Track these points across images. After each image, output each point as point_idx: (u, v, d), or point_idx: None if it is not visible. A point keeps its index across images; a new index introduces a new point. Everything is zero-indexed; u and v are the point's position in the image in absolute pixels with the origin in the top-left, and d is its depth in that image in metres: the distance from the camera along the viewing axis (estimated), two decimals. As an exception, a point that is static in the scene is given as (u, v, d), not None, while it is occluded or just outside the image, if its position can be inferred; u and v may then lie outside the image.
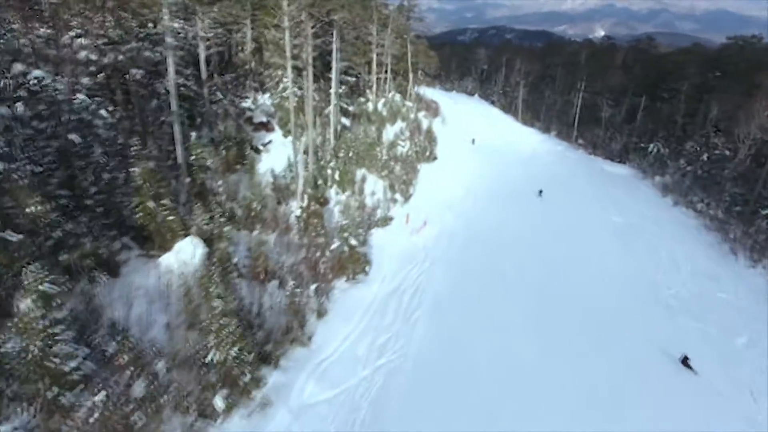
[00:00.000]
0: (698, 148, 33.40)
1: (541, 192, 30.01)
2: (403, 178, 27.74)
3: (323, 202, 24.59)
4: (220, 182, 19.25)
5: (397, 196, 26.80)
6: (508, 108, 66.35)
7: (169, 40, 17.82)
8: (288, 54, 20.65)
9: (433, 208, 26.66)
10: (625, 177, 38.43)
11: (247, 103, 33.28)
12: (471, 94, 78.65)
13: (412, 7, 43.60)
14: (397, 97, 41.47)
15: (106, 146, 17.25)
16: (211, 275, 11.37)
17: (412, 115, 39.42)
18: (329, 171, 26.05)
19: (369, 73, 41.00)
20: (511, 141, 46.63)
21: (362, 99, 37.06)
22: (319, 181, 24.56)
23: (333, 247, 17.48)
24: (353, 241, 17.48)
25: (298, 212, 20.00)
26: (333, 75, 26.91)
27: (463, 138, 42.50)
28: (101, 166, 14.35)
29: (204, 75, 26.84)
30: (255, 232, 19.44)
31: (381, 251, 20.97)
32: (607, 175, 38.43)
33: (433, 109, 46.79)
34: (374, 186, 27.48)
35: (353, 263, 17.71)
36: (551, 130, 55.06)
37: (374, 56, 38.21)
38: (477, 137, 42.91)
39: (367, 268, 18.22)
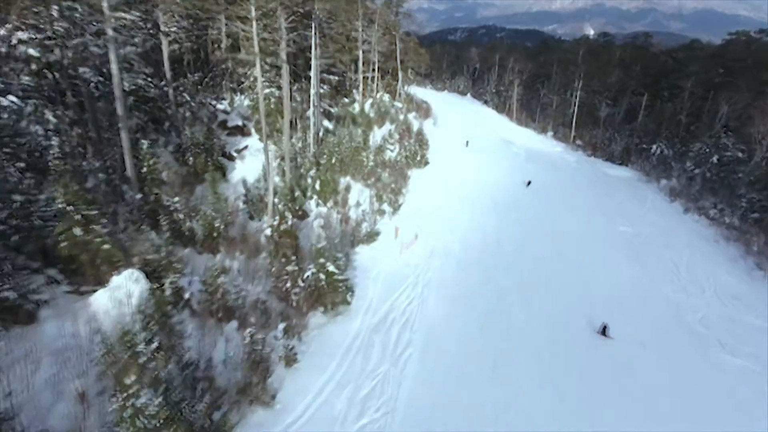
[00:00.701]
0: (707, 150, 31.27)
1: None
2: (391, 186, 25.19)
3: (302, 215, 21.98)
4: (176, 198, 16.48)
5: (385, 206, 24.24)
6: (502, 108, 64.14)
7: (110, 32, 15.09)
8: (256, 48, 17.99)
9: (425, 220, 24.14)
10: (628, 180, 36.23)
11: (223, 105, 30.60)
12: (463, 93, 76.37)
13: (401, 2, 41.10)
14: (386, 97, 38.92)
15: (34, 158, 14.53)
16: (138, 328, 8.72)
17: (401, 117, 36.89)
18: (309, 180, 23.42)
19: (355, 71, 38.43)
20: (507, 143, 44.29)
21: (347, 99, 34.44)
22: (297, 193, 21.90)
23: (308, 274, 14.85)
24: (332, 267, 14.86)
25: (268, 231, 17.33)
26: (312, 73, 24.26)
27: (456, 140, 40.06)
28: (12, 184, 11.57)
29: (168, 74, 24.08)
30: (219, 256, 16.79)
31: (366, 274, 18.41)
32: (610, 178, 36.21)
33: (424, 110, 44.31)
34: (360, 196, 24.91)
35: (332, 293, 15.09)
36: (548, 131, 52.85)
37: (360, 53, 35.63)
38: (471, 139, 40.50)
39: (349, 297, 15.61)
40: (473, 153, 37.72)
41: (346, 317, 15.36)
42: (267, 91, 27.96)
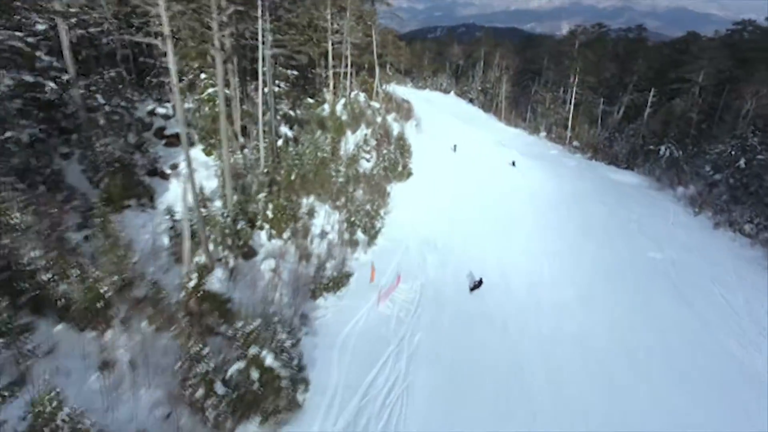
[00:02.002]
0: (732, 152, 27.08)
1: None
2: (366, 207, 20.02)
3: (247, 253, 16.65)
4: (35, 252, 10.97)
5: (359, 234, 19.10)
6: (489, 106, 59.67)
7: None
8: (165, 28, 12.60)
9: (409, 251, 19.12)
10: (637, 188, 31.91)
11: (165, 109, 25.00)
12: (446, 91, 71.67)
13: (376, -12, 35.98)
14: (361, 96, 33.72)
15: None
16: None
17: (379, 119, 31.76)
18: (260, 204, 18.07)
19: (326, 67, 33.11)
20: (498, 145, 39.61)
21: (312, 100, 29.10)
22: (241, 225, 16.54)
23: (231, 372, 9.59)
24: (270, 360, 9.65)
25: (183, 293, 11.96)
26: (261, 66, 18.87)
27: (442, 144, 35.17)
28: None
29: (72, 69, 18.41)
30: (109, 334, 11.35)
31: (330, 340, 13.29)
32: (618, 186, 31.81)
33: (405, 110, 39.26)
34: (326, 221, 19.69)
35: (274, 394, 9.87)
36: (540, 131, 48.50)
37: (330, 45, 30.34)
38: (458, 143, 35.67)
39: (299, 396, 10.41)
40: (462, 159, 32.87)
41: (295, 427, 10.18)
42: (211, 90, 22.53)
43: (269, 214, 17.71)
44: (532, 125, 49.72)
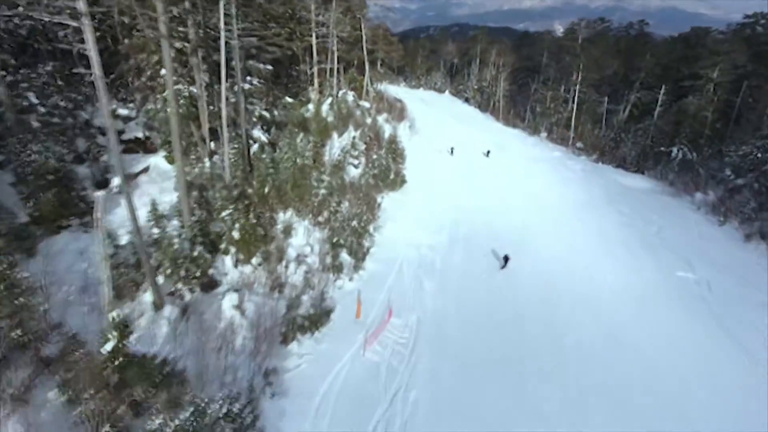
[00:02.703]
0: (758, 154, 24.55)
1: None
2: (353, 223, 17.15)
3: (207, 284, 13.70)
4: None
5: (344, 256, 16.21)
6: (486, 106, 56.97)
7: None
8: (81, 5, 9.65)
9: (403, 275, 16.28)
10: (650, 194, 29.33)
11: (128, 110, 22.01)
12: (441, 91, 68.93)
13: (365, -23, 33.12)
14: (350, 96, 30.84)
15: None
16: None
17: (369, 120, 28.89)
18: (225, 224, 15.12)
19: (310, 64, 30.19)
20: (498, 147, 36.85)
21: (292, 100, 26.13)
22: (197, 251, 13.58)
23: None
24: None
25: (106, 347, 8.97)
26: (222, 58, 15.88)
27: (437, 147, 32.40)
28: None
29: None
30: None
31: (302, 405, 10.45)
32: (630, 192, 29.20)
33: (397, 111, 36.42)
34: (306, 239, 16.78)
35: None
36: (540, 132, 45.87)
37: (314, 39, 27.41)
38: (455, 145, 32.95)
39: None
40: (461, 163, 30.12)
41: None
42: (175, 87, 19.48)
43: (236, 234, 14.76)
44: (532, 125, 47.07)
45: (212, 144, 20.08)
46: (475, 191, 25.25)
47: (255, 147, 20.31)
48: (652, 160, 33.73)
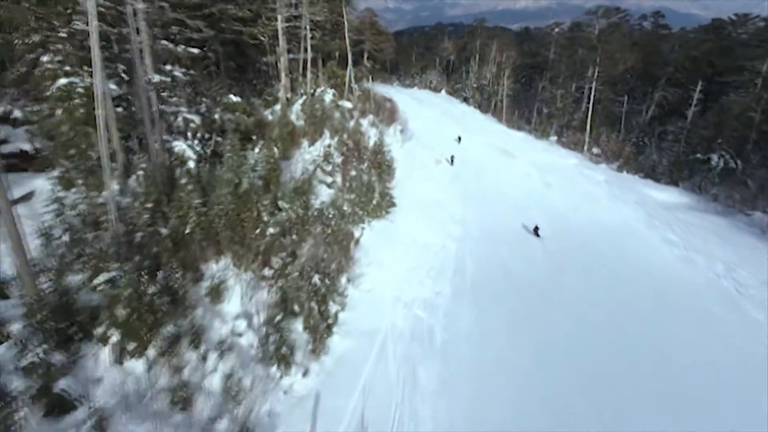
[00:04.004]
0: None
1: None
2: (314, 278, 11.70)
3: (57, 404, 8.15)
4: None
5: (298, 332, 10.74)
6: (487, 106, 51.75)
7: None
8: None
9: (388, 364, 10.83)
10: (692, 212, 24.14)
11: (21, 113, 16.42)
12: (436, 89, 63.76)
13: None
14: (328, 94, 25.38)
15: None
16: None
17: (351, 123, 23.47)
18: (104, 294, 9.58)
19: (274, 53, 24.69)
20: (505, 155, 31.69)
21: (258, 100, 20.66)
22: (40, 350, 8.04)
23: None
24: None
25: None
26: (93, 39, 10.26)
27: (434, 156, 27.04)
28: None
29: None
30: None
31: None
32: (669, 212, 23.94)
33: (387, 112, 31.00)
34: (243, 307, 11.28)
35: None
36: (549, 135, 40.69)
37: (279, 23, 21.94)
38: (455, 152, 27.69)
39: None
40: (461, 174, 24.81)
41: None
42: (64, 80, 13.95)
43: (121, 312, 9.23)
44: (540, 128, 41.84)
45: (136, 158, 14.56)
46: (483, 212, 19.95)
47: (190, 164, 14.79)
48: (687, 170, 28.53)
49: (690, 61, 33.44)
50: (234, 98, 15.92)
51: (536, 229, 18.03)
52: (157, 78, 11.45)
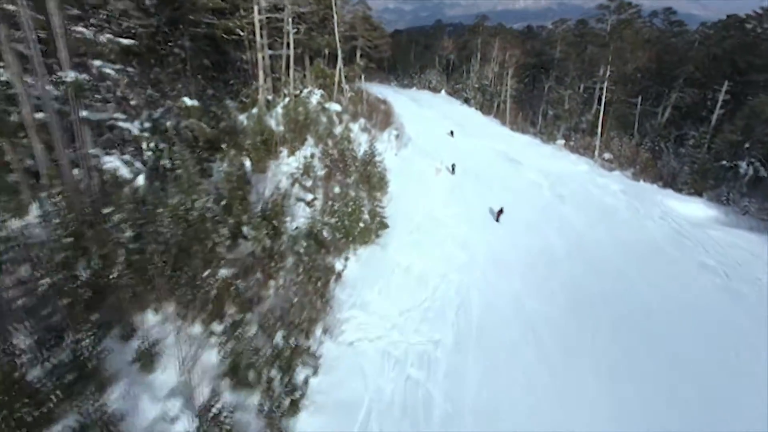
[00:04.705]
0: None
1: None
2: (276, 338, 9.03)
3: None
4: None
5: (248, 415, 8.06)
6: (489, 108, 49.12)
7: None
8: None
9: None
10: (723, 229, 21.46)
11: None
12: (436, 90, 61.15)
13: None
14: (316, 95, 22.75)
15: None
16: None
17: (339, 129, 20.85)
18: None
19: (250, 48, 22.02)
20: (512, 162, 29.11)
21: (232, 103, 18.03)
22: None
23: None
24: None
25: None
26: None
27: (433, 164, 24.40)
28: None
29: None
30: None
31: None
32: (697, 230, 21.19)
33: (381, 115, 28.37)
34: (177, 378, 8.61)
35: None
36: (556, 139, 38.09)
37: (256, 13, 19.30)
38: (456, 159, 25.08)
39: None
40: (464, 185, 22.20)
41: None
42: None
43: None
44: (546, 131, 39.21)
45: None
46: (490, 232, 17.30)
47: (140, 180, 12.11)
48: (712, 179, 25.91)
49: (712, 59, 30.82)
50: (189, 101, 13.31)
51: (500, 212, 18.04)
52: (72, 75, 8.79)
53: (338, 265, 12.58)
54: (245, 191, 13.00)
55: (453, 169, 24.44)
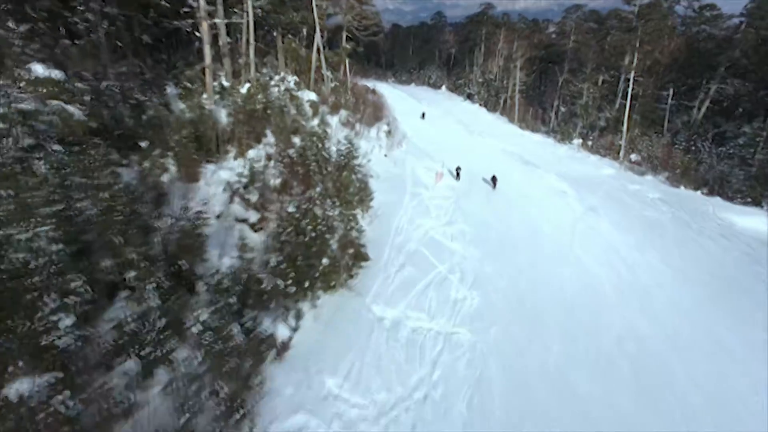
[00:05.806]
0: None
1: None
2: None
3: None
4: None
5: None
6: (495, 104, 44.55)
7: None
8: None
9: None
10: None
11: None
12: (436, 86, 56.68)
13: None
14: (288, 80, 18.15)
15: None
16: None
17: (314, 123, 16.23)
18: None
19: (197, 20, 17.31)
20: (526, 165, 24.57)
21: (174, 90, 13.43)
22: None
23: None
24: None
25: None
26: None
27: (434, 167, 19.85)
28: None
29: None
30: None
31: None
32: (762, 245, 16.65)
33: (370, 108, 23.69)
34: None
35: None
36: (573, 138, 33.54)
37: (201, -27, 14.62)
38: (461, 162, 20.53)
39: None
40: (476, 200, 17.61)
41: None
42: None
43: None
44: (561, 130, 34.64)
45: None
46: (509, 265, 12.71)
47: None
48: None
49: (761, 44, 26.14)
50: (41, 70, 8.68)
51: (494, 179, 17.68)
52: None
53: (282, 332, 7.97)
54: (144, 212, 8.38)
55: (458, 173, 19.89)
